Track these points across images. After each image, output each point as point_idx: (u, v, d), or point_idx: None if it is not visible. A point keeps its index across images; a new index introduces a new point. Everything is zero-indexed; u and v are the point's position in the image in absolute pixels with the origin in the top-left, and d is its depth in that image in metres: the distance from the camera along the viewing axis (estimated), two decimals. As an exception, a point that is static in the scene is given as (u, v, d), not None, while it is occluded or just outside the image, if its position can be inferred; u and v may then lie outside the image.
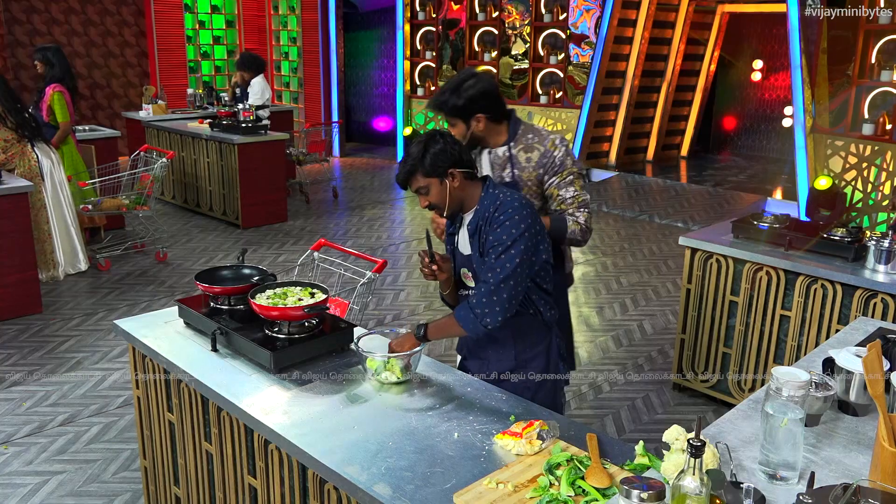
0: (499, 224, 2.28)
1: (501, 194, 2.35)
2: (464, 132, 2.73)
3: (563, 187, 2.74)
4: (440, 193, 2.34)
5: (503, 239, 2.26)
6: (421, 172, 2.32)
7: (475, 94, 2.66)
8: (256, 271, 2.79)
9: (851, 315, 3.40)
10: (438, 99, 2.74)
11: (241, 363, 2.41)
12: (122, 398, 4.04)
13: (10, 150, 5.38)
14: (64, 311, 5.25)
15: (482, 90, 2.67)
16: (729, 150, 11.88)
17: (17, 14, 10.03)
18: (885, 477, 1.47)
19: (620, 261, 6.62)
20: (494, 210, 2.32)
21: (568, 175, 2.73)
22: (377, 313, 5.30)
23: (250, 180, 7.27)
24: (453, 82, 2.71)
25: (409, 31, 11.00)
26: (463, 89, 2.66)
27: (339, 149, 11.61)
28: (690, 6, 10.06)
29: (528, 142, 2.75)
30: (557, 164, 2.72)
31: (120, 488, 3.27)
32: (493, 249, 2.29)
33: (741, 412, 1.92)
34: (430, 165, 2.31)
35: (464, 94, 2.66)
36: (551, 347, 2.50)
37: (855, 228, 3.61)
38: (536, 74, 9.97)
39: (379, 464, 1.85)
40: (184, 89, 10.19)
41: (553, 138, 2.75)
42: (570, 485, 1.75)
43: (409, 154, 2.33)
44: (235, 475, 2.34)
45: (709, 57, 10.77)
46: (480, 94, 2.67)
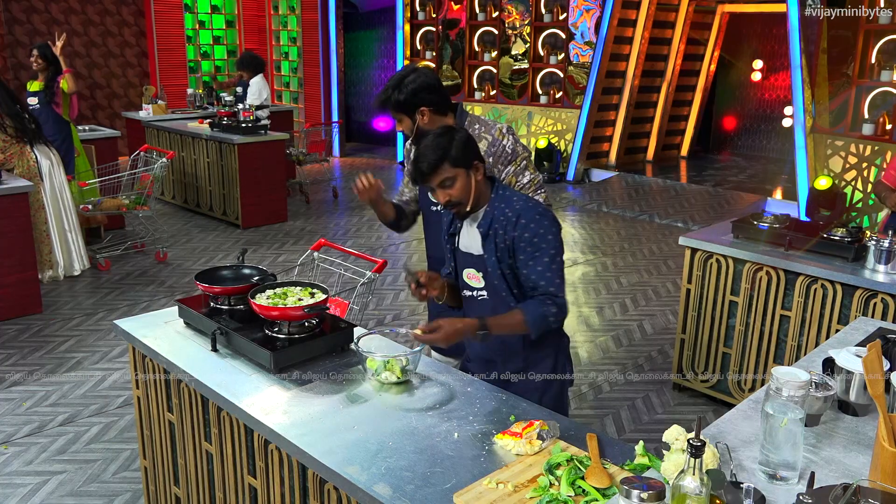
0: (525, 229, 2.25)
1: (514, 197, 2.33)
2: (410, 127, 2.76)
3: (520, 174, 2.80)
4: (465, 187, 2.27)
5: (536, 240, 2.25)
6: (449, 162, 2.23)
7: (417, 88, 2.70)
8: (256, 271, 2.79)
9: (851, 315, 3.40)
10: (382, 96, 2.76)
11: (241, 363, 2.41)
12: (122, 398, 4.04)
13: (9, 151, 5.38)
14: (64, 311, 5.25)
15: (424, 83, 2.71)
16: (729, 150, 11.88)
17: (17, 14, 10.04)
18: (885, 477, 1.47)
19: (620, 261, 6.62)
20: (512, 215, 2.27)
21: (522, 161, 2.81)
22: (377, 313, 5.30)
23: (250, 180, 7.27)
24: (395, 79, 2.74)
25: (409, 31, 11.00)
26: (405, 84, 2.69)
27: (339, 149, 11.61)
28: (690, 6, 10.06)
29: (476, 132, 2.77)
30: (510, 153, 2.77)
31: (120, 488, 3.27)
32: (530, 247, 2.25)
33: (741, 412, 1.92)
34: (459, 154, 2.23)
35: (405, 89, 2.69)
36: (560, 349, 2.47)
37: (855, 228, 3.61)
38: (536, 74, 9.97)
39: (379, 464, 1.85)
40: (184, 89, 10.20)
41: (500, 127, 2.79)
42: (570, 485, 1.75)
43: (432, 147, 2.24)
44: (235, 475, 2.34)
45: (709, 57, 10.77)
46: (422, 88, 2.70)
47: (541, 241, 2.26)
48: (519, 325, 2.24)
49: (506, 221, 2.29)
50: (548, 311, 2.25)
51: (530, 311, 2.25)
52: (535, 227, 2.26)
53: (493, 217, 2.31)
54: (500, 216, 2.30)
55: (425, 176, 2.26)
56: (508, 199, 2.32)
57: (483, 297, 2.42)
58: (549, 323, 2.26)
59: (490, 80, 10.40)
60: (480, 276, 2.41)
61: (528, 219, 2.26)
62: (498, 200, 2.33)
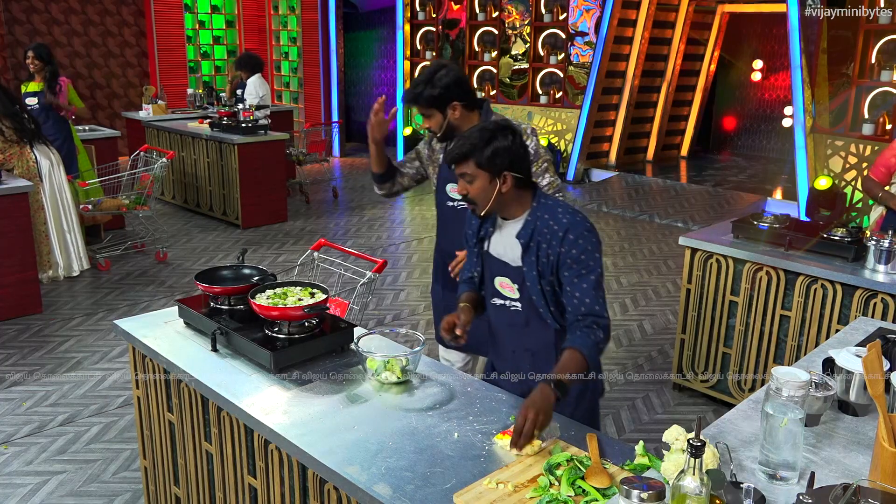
0: (574, 245, 2.15)
1: (559, 208, 2.22)
2: (440, 122, 2.78)
3: (539, 176, 2.80)
4: (485, 191, 2.18)
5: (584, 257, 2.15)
6: (475, 160, 2.16)
7: (449, 83, 2.73)
8: (256, 271, 2.79)
9: (851, 315, 3.40)
10: (413, 91, 2.77)
11: (241, 363, 2.41)
12: (122, 398, 4.04)
13: (9, 151, 5.38)
14: (64, 311, 5.25)
15: (455, 78, 2.74)
16: (729, 150, 11.88)
17: (17, 14, 10.04)
18: (885, 477, 1.46)
19: (620, 261, 6.62)
20: (559, 228, 2.17)
21: (543, 163, 2.82)
22: (377, 313, 5.30)
23: (250, 180, 7.27)
24: (425, 74, 2.76)
25: (409, 31, 11.00)
26: (437, 79, 2.72)
27: (339, 149, 11.61)
28: (690, 6, 10.06)
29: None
30: (532, 154, 2.73)
31: (120, 488, 3.27)
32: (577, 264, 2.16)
33: (741, 412, 1.92)
34: (487, 158, 2.15)
35: (438, 84, 2.71)
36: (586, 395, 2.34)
37: (855, 228, 3.61)
38: (536, 74, 9.97)
39: (379, 464, 1.85)
40: (184, 89, 10.20)
41: (525, 127, 2.78)
42: (570, 485, 1.75)
43: (470, 137, 2.18)
44: (235, 475, 2.34)
45: (709, 57, 10.77)
46: (454, 83, 2.74)
47: (588, 258, 2.16)
48: (580, 364, 2.09)
49: (550, 235, 2.18)
50: (597, 337, 2.13)
51: (583, 344, 2.11)
52: (584, 244, 2.16)
53: (536, 228, 2.21)
54: (543, 227, 2.20)
55: (453, 160, 2.21)
56: (552, 210, 2.21)
57: (516, 308, 2.33)
58: (601, 350, 2.16)
59: (490, 80, 10.40)
60: (516, 288, 2.30)
61: (576, 234, 2.16)
62: (541, 210, 2.22)
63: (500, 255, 2.32)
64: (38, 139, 5.58)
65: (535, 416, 1.87)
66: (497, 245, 2.33)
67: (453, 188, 2.87)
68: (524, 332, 2.34)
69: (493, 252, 2.34)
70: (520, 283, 2.28)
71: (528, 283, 2.25)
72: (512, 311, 2.34)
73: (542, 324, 2.29)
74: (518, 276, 2.28)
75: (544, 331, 2.30)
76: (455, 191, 2.84)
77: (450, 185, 2.94)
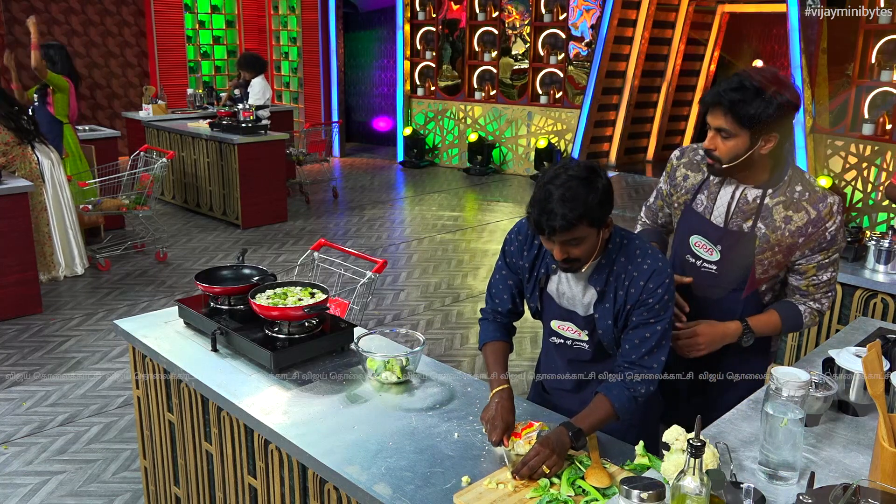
0: (652, 294, 1.94)
1: (637, 250, 1.97)
2: (740, 152, 2.03)
3: (824, 268, 2.15)
4: (592, 247, 1.89)
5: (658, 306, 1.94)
6: (587, 220, 1.81)
7: (784, 103, 1.97)
8: (256, 271, 2.79)
9: (851, 315, 3.39)
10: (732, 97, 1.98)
11: (241, 363, 2.41)
12: (122, 398, 4.04)
13: (11, 153, 5.38)
14: (64, 311, 5.25)
15: (789, 101, 1.98)
16: (729, 150, 11.87)
17: (17, 14, 10.03)
18: (885, 477, 1.47)
19: (620, 261, 6.61)
20: (639, 276, 1.94)
21: (834, 253, 2.14)
22: (377, 313, 5.30)
23: (250, 180, 7.27)
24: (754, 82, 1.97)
25: (409, 31, 11.00)
26: (771, 95, 1.96)
27: (339, 149, 11.61)
28: (690, 6, 10.06)
29: (795, 196, 2.09)
30: (828, 240, 2.10)
31: (120, 488, 3.27)
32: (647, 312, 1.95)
33: (741, 412, 1.92)
34: (601, 214, 1.83)
35: (774, 102, 1.96)
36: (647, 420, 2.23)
37: (855, 228, 3.61)
38: (536, 74, 9.97)
39: (379, 464, 1.85)
40: (184, 89, 10.20)
41: (831, 203, 2.08)
42: (570, 485, 1.75)
43: (576, 193, 1.80)
44: (235, 475, 2.34)
45: (709, 57, 10.78)
46: (788, 106, 1.98)
47: (662, 307, 1.95)
48: (608, 415, 1.93)
49: (628, 281, 1.95)
50: (636, 392, 1.95)
51: (618, 396, 1.94)
52: (662, 293, 1.94)
53: (614, 273, 1.97)
54: (621, 273, 1.96)
55: (555, 232, 1.82)
56: (631, 255, 1.96)
57: (581, 347, 2.14)
58: (636, 405, 1.97)
59: (490, 80, 10.41)
60: (584, 333, 2.09)
61: (656, 283, 1.94)
62: (617, 253, 1.97)
63: (566, 303, 2.08)
64: (37, 139, 5.58)
65: (547, 454, 1.77)
66: (562, 286, 2.07)
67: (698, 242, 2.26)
68: (588, 365, 2.19)
69: (555, 295, 2.09)
70: (590, 330, 2.07)
71: (601, 330, 2.04)
72: (576, 349, 2.16)
73: (610, 357, 2.13)
74: (589, 325, 2.06)
75: (612, 361, 2.11)
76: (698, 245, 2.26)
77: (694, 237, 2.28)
